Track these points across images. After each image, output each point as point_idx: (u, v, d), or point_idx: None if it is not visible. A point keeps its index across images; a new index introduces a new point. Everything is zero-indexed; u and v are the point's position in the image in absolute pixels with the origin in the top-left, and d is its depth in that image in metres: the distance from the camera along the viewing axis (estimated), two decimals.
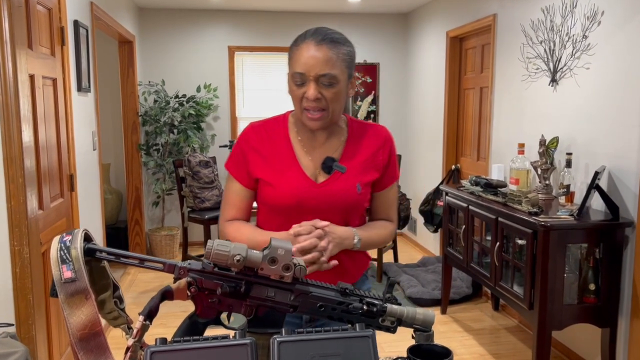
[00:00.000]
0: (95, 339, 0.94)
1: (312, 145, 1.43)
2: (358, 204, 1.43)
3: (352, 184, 1.41)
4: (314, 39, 1.32)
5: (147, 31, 5.43)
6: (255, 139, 1.44)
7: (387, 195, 1.52)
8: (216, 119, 5.64)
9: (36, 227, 2.09)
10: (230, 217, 1.47)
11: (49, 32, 2.62)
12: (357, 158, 1.44)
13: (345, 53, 1.34)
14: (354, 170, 1.42)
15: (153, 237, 5.22)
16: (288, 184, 1.39)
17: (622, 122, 2.68)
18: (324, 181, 1.40)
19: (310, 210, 1.38)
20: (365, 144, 1.46)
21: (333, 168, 1.40)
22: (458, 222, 3.58)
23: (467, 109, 4.63)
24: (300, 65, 1.32)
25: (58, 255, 0.93)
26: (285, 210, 1.40)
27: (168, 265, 1.00)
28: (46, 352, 2.26)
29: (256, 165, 1.42)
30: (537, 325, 2.62)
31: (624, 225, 2.60)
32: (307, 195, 1.38)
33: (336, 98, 1.34)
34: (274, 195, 1.40)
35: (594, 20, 2.86)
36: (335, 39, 1.34)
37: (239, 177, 1.45)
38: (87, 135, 3.26)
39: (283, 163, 1.41)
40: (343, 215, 1.41)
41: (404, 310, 1.05)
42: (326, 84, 1.31)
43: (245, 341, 0.92)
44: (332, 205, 1.39)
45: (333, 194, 1.39)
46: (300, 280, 1.04)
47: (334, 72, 1.31)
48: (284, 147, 1.43)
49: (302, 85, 1.32)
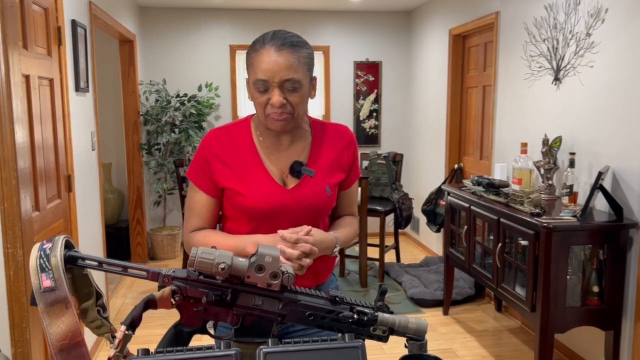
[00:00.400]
0: (76, 349, 0.92)
1: (277, 149, 1.41)
2: (328, 206, 1.45)
3: (321, 187, 1.41)
4: (274, 44, 1.28)
5: (148, 30, 5.40)
6: (218, 146, 1.40)
7: (351, 193, 1.55)
8: (217, 118, 5.62)
9: (30, 229, 2.07)
10: (195, 227, 1.42)
11: (46, 32, 2.60)
12: (323, 160, 1.44)
13: (305, 56, 1.32)
14: (321, 173, 1.42)
15: (154, 237, 5.21)
16: (258, 191, 1.37)
17: (626, 121, 2.63)
18: (294, 186, 1.40)
19: (282, 216, 1.38)
20: (330, 146, 1.46)
21: (302, 172, 1.39)
22: (460, 223, 3.54)
23: (469, 107, 4.59)
24: (262, 71, 1.28)
25: (37, 264, 0.91)
26: (257, 217, 1.38)
27: (152, 273, 0.97)
28: (42, 355, 2.24)
29: (221, 174, 1.39)
30: (539, 327, 2.58)
31: (628, 227, 2.56)
32: (278, 201, 1.38)
33: (301, 102, 1.33)
34: (244, 204, 1.38)
35: (598, 18, 2.81)
36: (295, 42, 1.31)
37: (202, 186, 1.41)
38: (85, 135, 3.23)
39: (250, 170, 1.39)
40: (313, 218, 1.42)
41: (396, 319, 1.02)
42: (290, 89, 1.29)
43: (230, 352, 0.89)
44: (303, 210, 1.39)
45: (304, 199, 1.39)
46: (289, 289, 1.01)
47: (297, 77, 1.29)
48: (249, 153, 1.40)
49: (266, 92, 1.30)
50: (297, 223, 1.36)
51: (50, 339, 0.90)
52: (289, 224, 1.36)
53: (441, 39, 4.91)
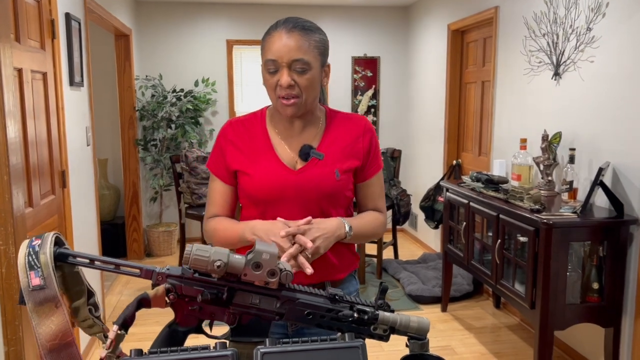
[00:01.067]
0: (67, 350, 0.88)
1: (289, 134, 1.42)
2: (337, 191, 1.41)
3: (330, 170, 1.39)
4: (285, 27, 1.32)
5: (144, 24, 5.35)
6: (233, 134, 1.44)
7: (373, 186, 1.50)
8: (214, 114, 5.57)
9: (23, 226, 2.03)
10: (212, 215, 1.46)
11: (39, 25, 2.55)
12: (336, 145, 1.43)
13: (317, 40, 1.34)
14: (332, 157, 1.41)
15: (151, 233, 5.17)
16: (265, 172, 1.38)
17: (627, 117, 2.61)
18: (301, 168, 1.39)
19: (289, 198, 1.37)
20: (344, 132, 1.45)
21: (310, 155, 1.38)
22: (459, 219, 3.51)
23: (468, 103, 4.56)
24: (272, 52, 1.31)
25: (26, 261, 0.87)
26: (264, 200, 1.38)
27: (145, 271, 0.94)
28: (35, 354, 2.21)
29: (233, 157, 1.42)
30: (539, 325, 2.56)
31: (628, 223, 2.54)
32: (284, 182, 1.37)
33: (310, 85, 1.32)
34: (251, 185, 1.39)
35: (599, 12, 2.78)
36: (306, 26, 1.33)
37: (218, 173, 1.45)
38: (80, 130, 3.19)
39: (260, 153, 1.41)
40: (322, 203, 1.39)
41: (397, 318, 0.99)
42: (299, 70, 1.30)
43: (226, 352, 0.86)
44: (310, 192, 1.38)
45: (311, 180, 1.38)
46: (287, 287, 0.98)
47: (307, 58, 1.30)
48: (261, 138, 1.43)
49: (275, 73, 1.32)
50: (305, 208, 1.36)
51: (40, 339, 0.87)
52: (296, 208, 1.36)
53: (439, 34, 4.88)
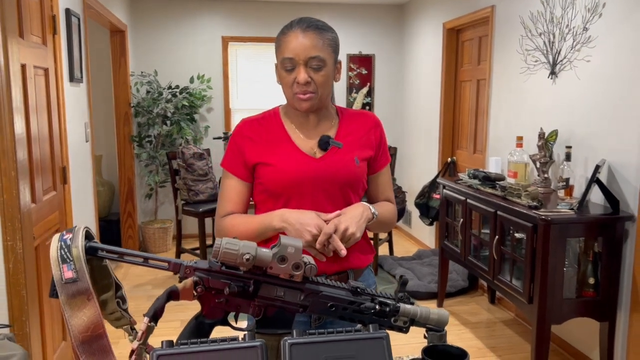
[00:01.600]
0: (98, 342, 0.90)
1: (306, 128, 1.47)
2: (358, 177, 1.46)
3: (350, 157, 1.44)
4: (300, 26, 1.37)
5: (140, 20, 5.33)
6: (249, 130, 1.47)
7: (383, 177, 1.57)
8: (210, 111, 5.57)
9: (29, 221, 2.04)
10: (226, 212, 1.47)
11: (41, 21, 2.55)
12: (352, 136, 1.48)
13: (330, 39, 1.39)
14: (350, 146, 1.46)
15: (146, 230, 5.17)
16: (287, 162, 1.41)
17: (622, 115, 2.66)
18: (322, 155, 1.43)
19: (311, 187, 1.40)
20: (357, 125, 1.51)
21: (330, 144, 1.43)
22: (455, 215, 3.56)
23: (463, 101, 4.60)
24: (289, 51, 1.36)
25: (58, 255, 0.89)
26: (287, 189, 1.41)
27: (173, 264, 0.96)
28: (40, 349, 2.22)
29: (252, 152, 1.44)
30: (536, 319, 2.60)
31: (624, 219, 2.59)
32: (307, 170, 1.41)
33: (325, 81, 1.38)
34: (274, 175, 1.41)
35: (595, 12, 2.83)
36: (320, 25, 1.39)
37: (234, 170, 1.46)
38: (79, 126, 3.19)
39: (280, 145, 1.44)
40: (344, 190, 1.44)
41: (417, 310, 1.02)
42: (315, 67, 1.35)
43: (255, 343, 0.88)
44: (333, 178, 1.42)
45: (332, 166, 1.42)
46: (311, 279, 1.00)
47: (322, 55, 1.35)
48: (279, 132, 1.46)
49: (292, 71, 1.37)
50: (328, 196, 1.41)
51: (72, 331, 0.88)
52: (320, 197, 1.40)
53: (435, 32, 4.92)
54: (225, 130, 5.51)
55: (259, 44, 5.59)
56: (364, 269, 1.50)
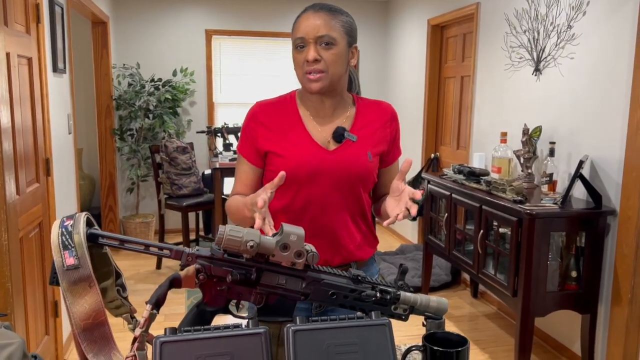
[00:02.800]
0: (99, 329, 0.89)
1: (320, 115, 1.45)
2: (369, 172, 1.46)
3: (363, 152, 1.43)
4: (313, 8, 1.39)
5: (122, 12, 5.26)
6: (263, 115, 1.46)
7: (394, 171, 1.56)
8: (192, 104, 5.52)
9: (15, 213, 2.00)
10: (236, 192, 1.48)
11: (24, 9, 2.49)
12: (367, 129, 1.47)
13: (343, 20, 1.40)
14: (364, 141, 1.45)
15: (127, 225, 5.11)
16: (300, 153, 1.40)
17: (605, 112, 2.71)
18: (335, 148, 1.42)
19: (323, 178, 1.40)
20: (374, 117, 1.49)
21: (344, 136, 1.41)
22: (440, 210, 3.59)
23: (447, 97, 4.64)
24: (300, 30, 1.37)
25: (59, 241, 0.88)
26: (298, 180, 1.40)
27: (175, 252, 0.95)
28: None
29: (265, 138, 1.43)
30: (520, 312, 2.65)
31: (606, 214, 2.65)
32: (320, 162, 1.40)
33: (335, 60, 1.36)
34: (286, 166, 1.39)
35: (579, 10, 2.87)
36: (333, 8, 1.41)
37: (247, 155, 1.47)
38: (62, 118, 3.14)
39: (293, 134, 1.43)
40: (354, 184, 1.43)
41: (418, 297, 1.03)
42: (325, 45, 1.35)
43: (258, 330, 0.88)
44: (344, 172, 1.41)
45: (346, 160, 1.41)
46: (312, 268, 1.00)
47: (332, 34, 1.36)
48: (293, 119, 1.45)
49: (303, 50, 1.37)
50: (338, 188, 1.40)
51: (74, 319, 0.87)
52: (329, 188, 1.39)
53: (419, 29, 4.94)
54: (209, 124, 5.46)
55: (243, 37, 5.55)
56: (367, 261, 1.50)
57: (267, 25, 5.53)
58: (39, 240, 2.59)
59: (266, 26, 5.53)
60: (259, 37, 5.53)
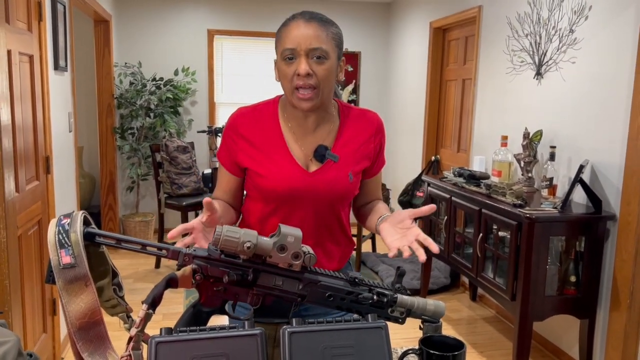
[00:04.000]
0: (95, 328, 0.89)
1: (302, 131, 1.39)
2: (349, 193, 1.42)
3: (344, 173, 1.38)
4: (303, 17, 1.31)
5: (125, 11, 5.26)
6: (244, 127, 1.39)
7: (376, 180, 1.54)
8: (194, 104, 5.52)
9: (14, 211, 2.00)
10: (215, 197, 1.46)
11: (26, 7, 2.50)
12: (349, 147, 1.41)
13: (334, 32, 1.33)
14: (346, 160, 1.39)
15: (127, 223, 5.11)
16: (280, 173, 1.35)
17: (606, 117, 2.71)
18: (316, 170, 1.37)
19: (302, 199, 1.36)
20: (357, 132, 1.43)
21: (326, 157, 1.37)
22: (439, 213, 3.59)
23: (448, 100, 4.64)
24: (290, 41, 1.28)
25: (56, 239, 0.88)
26: (277, 199, 1.37)
27: (172, 252, 0.95)
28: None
29: (245, 154, 1.38)
30: (519, 316, 2.64)
31: (606, 219, 2.64)
32: (299, 184, 1.35)
33: (327, 76, 1.30)
34: (265, 185, 1.36)
35: (582, 15, 2.87)
36: (324, 18, 1.33)
37: (227, 165, 1.43)
38: (63, 116, 3.14)
39: (273, 151, 1.37)
40: (333, 204, 1.40)
41: (415, 300, 1.03)
42: (317, 59, 1.28)
43: (254, 332, 0.88)
44: (323, 194, 1.37)
45: (325, 183, 1.36)
46: (309, 269, 1.00)
47: (325, 48, 1.28)
48: (274, 134, 1.39)
49: (292, 62, 1.29)
50: (317, 208, 1.37)
51: (70, 317, 0.87)
52: (309, 208, 1.36)
53: (421, 31, 4.94)
54: (210, 124, 5.46)
55: (245, 37, 5.55)
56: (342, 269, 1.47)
57: (269, 26, 5.53)
58: (38, 238, 2.59)
59: (268, 26, 5.53)
60: (261, 37, 5.53)
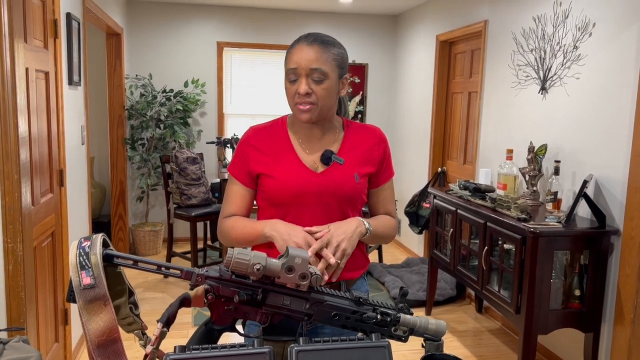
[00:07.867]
0: (113, 346, 0.94)
1: (309, 140, 1.50)
2: (356, 194, 1.50)
3: (350, 174, 1.48)
4: (307, 40, 1.42)
5: (136, 24, 5.36)
6: (256, 139, 1.51)
7: (385, 191, 1.60)
8: (203, 115, 5.60)
9: (30, 224, 2.06)
10: (229, 213, 1.52)
11: (43, 25, 2.57)
12: (354, 152, 1.52)
13: (335, 53, 1.43)
14: (351, 162, 1.50)
15: (136, 233, 5.17)
16: (288, 174, 1.45)
17: (610, 132, 2.74)
18: (323, 170, 1.47)
19: (311, 200, 1.44)
20: (361, 140, 1.54)
21: (332, 159, 1.47)
22: (445, 225, 3.62)
23: (454, 112, 4.68)
24: (293, 62, 1.40)
25: (77, 261, 0.93)
26: (287, 201, 1.45)
27: (185, 272, 1.00)
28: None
29: (257, 161, 1.48)
30: (523, 329, 2.67)
31: (610, 233, 2.67)
32: (307, 184, 1.44)
33: (326, 94, 1.41)
34: (275, 187, 1.45)
35: (585, 32, 2.91)
36: (326, 40, 1.43)
37: (239, 177, 1.51)
38: (76, 129, 3.21)
39: (282, 156, 1.48)
40: (342, 205, 1.47)
41: (417, 320, 1.07)
42: (316, 79, 1.39)
43: (263, 350, 0.92)
44: (331, 194, 1.45)
45: (332, 182, 1.46)
46: (316, 289, 1.05)
47: (324, 68, 1.39)
48: (284, 143, 1.50)
49: (295, 82, 1.41)
50: (326, 210, 1.44)
51: (89, 335, 0.92)
52: (318, 210, 1.43)
53: (428, 44, 5.00)
54: (219, 135, 5.53)
55: (254, 50, 5.63)
56: (356, 279, 1.53)
57: (277, 38, 5.61)
58: (51, 250, 2.65)
59: (277, 39, 5.60)
60: (270, 49, 5.61)
